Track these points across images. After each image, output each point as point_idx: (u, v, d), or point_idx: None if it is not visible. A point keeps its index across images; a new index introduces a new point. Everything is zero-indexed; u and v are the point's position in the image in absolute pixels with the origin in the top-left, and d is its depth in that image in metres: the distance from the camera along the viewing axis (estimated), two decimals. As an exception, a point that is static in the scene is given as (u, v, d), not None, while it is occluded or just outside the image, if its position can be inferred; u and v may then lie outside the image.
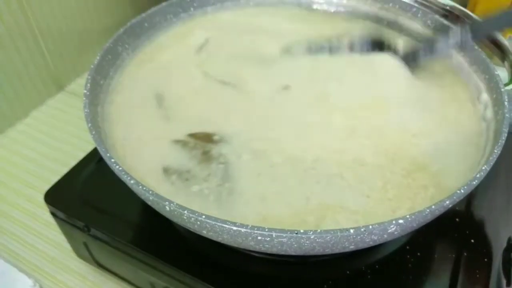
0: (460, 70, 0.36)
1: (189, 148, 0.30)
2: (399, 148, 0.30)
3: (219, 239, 0.25)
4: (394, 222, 0.23)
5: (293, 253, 0.24)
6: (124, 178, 0.25)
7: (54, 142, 0.52)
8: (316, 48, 0.37)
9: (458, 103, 0.34)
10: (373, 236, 0.23)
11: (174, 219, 0.25)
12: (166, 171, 0.29)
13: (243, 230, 0.22)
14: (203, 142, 0.30)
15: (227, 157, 0.29)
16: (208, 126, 0.31)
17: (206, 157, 0.29)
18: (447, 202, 0.24)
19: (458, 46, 0.34)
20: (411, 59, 0.35)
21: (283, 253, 0.24)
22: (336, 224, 0.26)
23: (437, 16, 0.37)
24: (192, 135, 0.31)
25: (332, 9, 0.43)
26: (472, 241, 0.32)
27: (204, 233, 0.25)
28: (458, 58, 0.37)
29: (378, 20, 0.41)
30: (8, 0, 0.47)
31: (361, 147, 0.30)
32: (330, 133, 0.31)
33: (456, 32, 0.33)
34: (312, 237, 0.22)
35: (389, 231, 0.23)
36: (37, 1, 0.50)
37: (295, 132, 0.31)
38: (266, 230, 0.22)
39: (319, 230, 0.22)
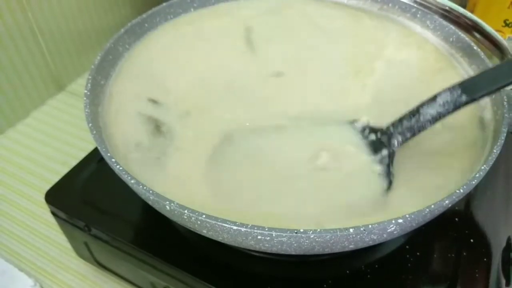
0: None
1: (143, 120, 0.32)
2: None
3: (219, 239, 0.25)
4: (393, 221, 0.23)
5: (293, 253, 0.24)
6: (124, 177, 0.25)
7: (54, 142, 0.52)
8: None
9: None
10: (372, 235, 0.23)
11: (174, 219, 0.25)
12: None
13: (243, 229, 0.22)
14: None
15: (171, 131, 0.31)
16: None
17: (157, 131, 0.32)
18: (446, 201, 0.24)
19: (448, 111, 0.28)
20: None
21: (283, 252, 0.24)
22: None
23: (436, 17, 0.37)
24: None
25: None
26: (472, 240, 0.32)
27: (204, 232, 0.25)
28: (457, 58, 0.37)
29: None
30: (8, 0, 0.47)
31: None
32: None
33: (445, 94, 0.28)
34: (311, 236, 0.22)
35: (389, 230, 0.23)
36: (37, 1, 0.51)
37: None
38: (266, 229, 0.22)
39: (318, 230, 0.22)
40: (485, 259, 0.31)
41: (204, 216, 0.23)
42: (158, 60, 0.37)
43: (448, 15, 0.35)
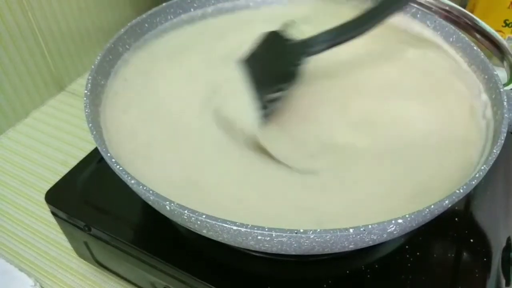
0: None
1: None
2: None
3: (219, 239, 0.25)
4: (393, 221, 0.23)
5: (293, 253, 0.24)
6: (124, 178, 0.26)
7: (54, 142, 0.52)
8: None
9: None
10: (372, 235, 0.23)
11: (175, 219, 0.26)
12: None
13: (243, 229, 0.23)
14: None
15: None
16: None
17: None
18: (446, 201, 0.24)
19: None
20: None
21: (283, 252, 0.25)
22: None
23: (436, 17, 0.38)
24: None
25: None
26: (471, 240, 0.32)
27: (204, 232, 0.25)
28: (457, 58, 0.37)
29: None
30: (8, 0, 0.47)
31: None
32: None
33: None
34: (311, 236, 0.22)
35: (389, 230, 0.23)
36: (38, 1, 0.51)
37: None
38: (266, 229, 0.22)
39: (318, 230, 0.22)
40: (485, 259, 0.31)
41: (204, 216, 0.23)
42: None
43: (448, 15, 0.36)
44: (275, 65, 0.34)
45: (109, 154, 0.26)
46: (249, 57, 0.35)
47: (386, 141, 0.31)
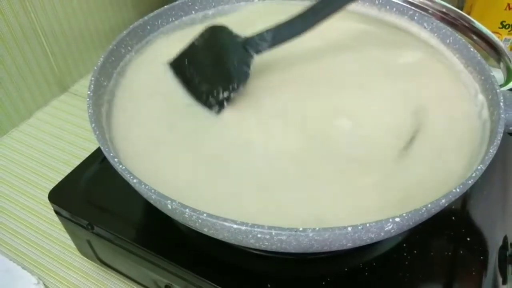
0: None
1: None
2: None
3: (220, 237, 0.25)
4: (390, 220, 0.23)
5: (292, 251, 0.25)
6: (127, 177, 0.26)
7: (57, 142, 0.52)
8: None
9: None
10: (370, 234, 0.24)
11: (176, 217, 0.26)
12: None
13: (243, 228, 0.23)
14: None
15: None
16: None
17: None
18: (443, 200, 0.24)
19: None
20: None
21: (282, 250, 0.25)
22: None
23: (433, 19, 0.38)
24: None
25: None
26: (468, 239, 0.32)
27: (205, 231, 0.25)
28: (454, 60, 0.37)
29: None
30: (11, 2, 0.48)
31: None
32: None
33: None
34: (310, 234, 0.22)
35: (386, 229, 0.24)
36: (41, 3, 0.51)
37: None
38: (266, 228, 0.23)
39: (317, 228, 0.22)
40: (481, 258, 0.31)
41: (205, 215, 0.23)
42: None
43: (445, 17, 0.36)
44: (223, 63, 0.33)
45: (111, 154, 0.27)
46: (190, 52, 0.34)
47: (377, 141, 0.31)
